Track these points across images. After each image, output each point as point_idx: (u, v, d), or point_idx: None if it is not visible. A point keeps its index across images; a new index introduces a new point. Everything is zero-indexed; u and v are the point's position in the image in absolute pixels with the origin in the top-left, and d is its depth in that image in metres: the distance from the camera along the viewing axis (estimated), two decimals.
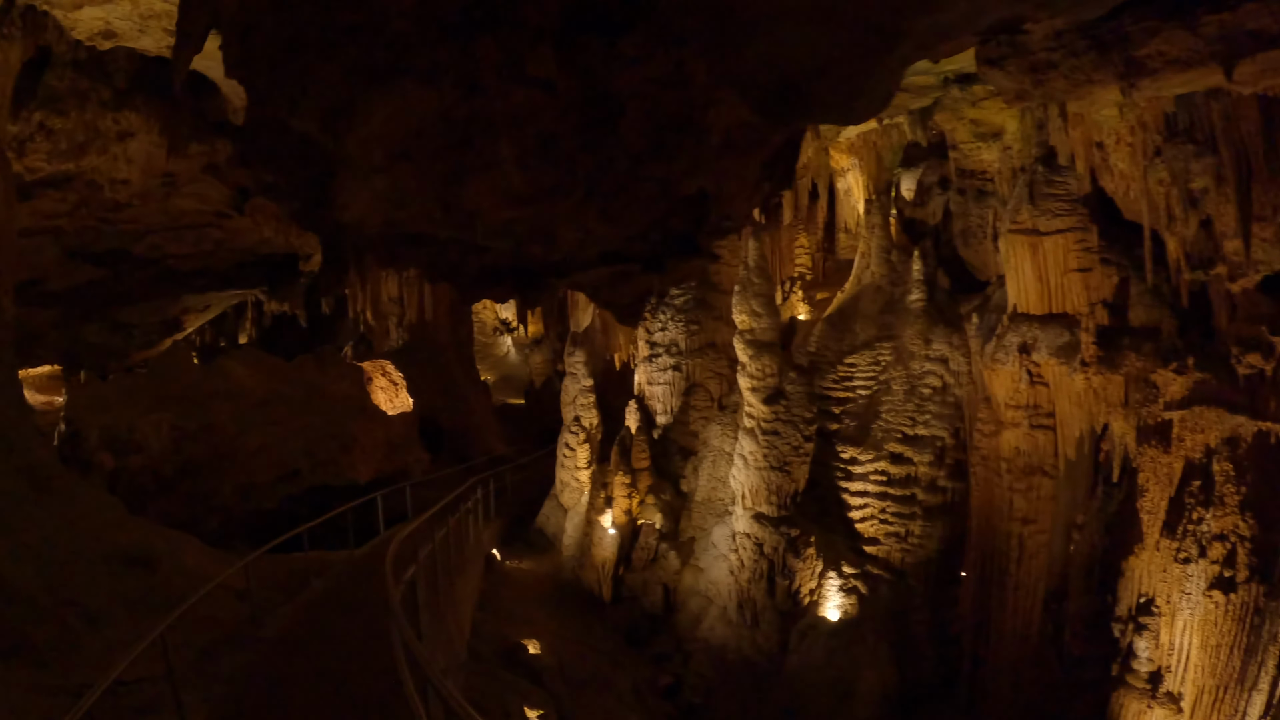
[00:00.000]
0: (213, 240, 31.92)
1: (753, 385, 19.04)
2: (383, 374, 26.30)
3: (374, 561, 14.97)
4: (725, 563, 19.28)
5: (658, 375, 21.87)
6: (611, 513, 19.84)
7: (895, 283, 22.05)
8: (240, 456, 18.84)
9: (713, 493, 20.60)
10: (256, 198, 28.44)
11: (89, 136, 21.69)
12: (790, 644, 18.28)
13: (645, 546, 20.09)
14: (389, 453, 22.27)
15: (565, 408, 23.19)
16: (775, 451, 18.70)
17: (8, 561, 8.73)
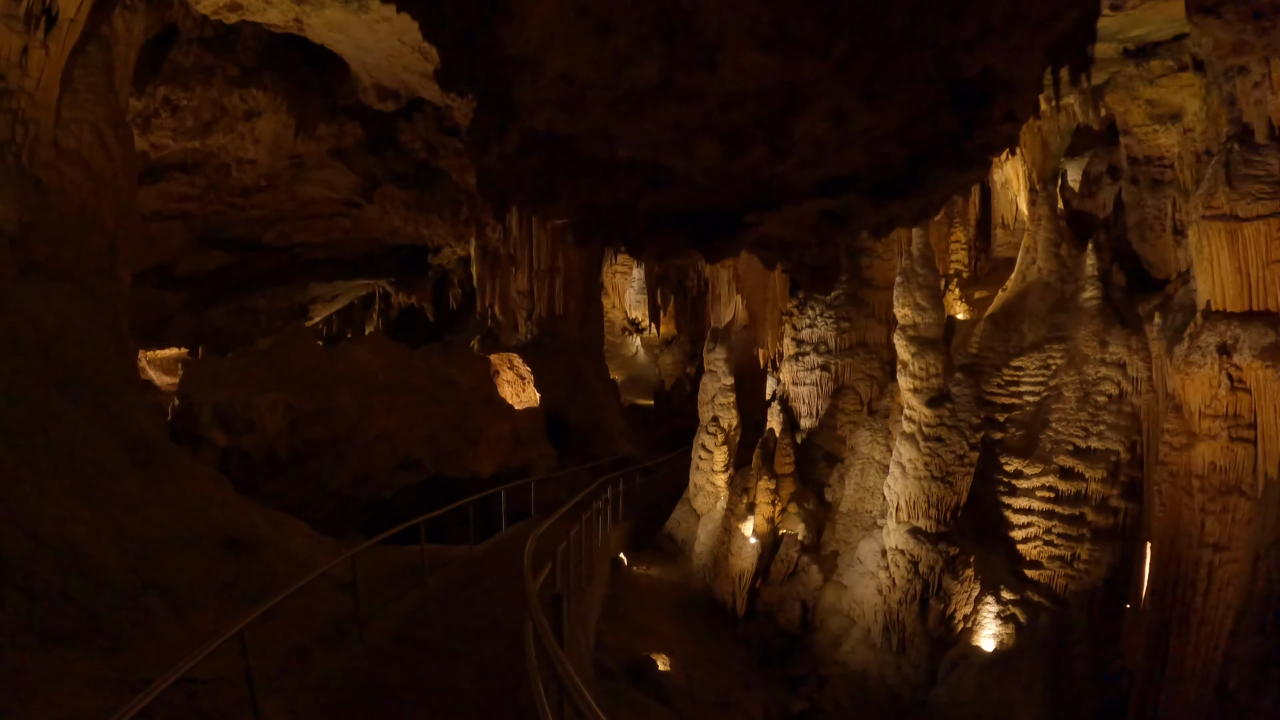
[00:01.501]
0: (341, 229, 31.82)
1: (915, 386, 17.35)
2: (510, 367, 25.28)
3: (496, 559, 14.31)
4: (873, 581, 17.63)
5: (804, 375, 20.37)
6: (753, 520, 18.35)
7: (1065, 279, 20.14)
8: (359, 442, 17.89)
9: (859, 504, 19.02)
10: (386, 185, 28.08)
11: (215, 114, 21.31)
12: (939, 675, 16.54)
13: (785, 559, 18.55)
14: (514, 447, 21.18)
15: (703, 407, 21.79)
16: (937, 460, 16.98)
17: (89, 536, 7.65)
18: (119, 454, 9.84)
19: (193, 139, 21.09)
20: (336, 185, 28.12)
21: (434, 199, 28.34)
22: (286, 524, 11.84)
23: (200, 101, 20.31)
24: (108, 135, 14.48)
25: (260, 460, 16.65)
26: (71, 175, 13.40)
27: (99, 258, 13.57)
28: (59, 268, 12.20)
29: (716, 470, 20.68)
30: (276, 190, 27.69)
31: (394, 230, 31.59)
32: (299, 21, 17.95)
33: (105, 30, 14.86)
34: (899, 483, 17.31)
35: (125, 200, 15.13)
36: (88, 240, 13.28)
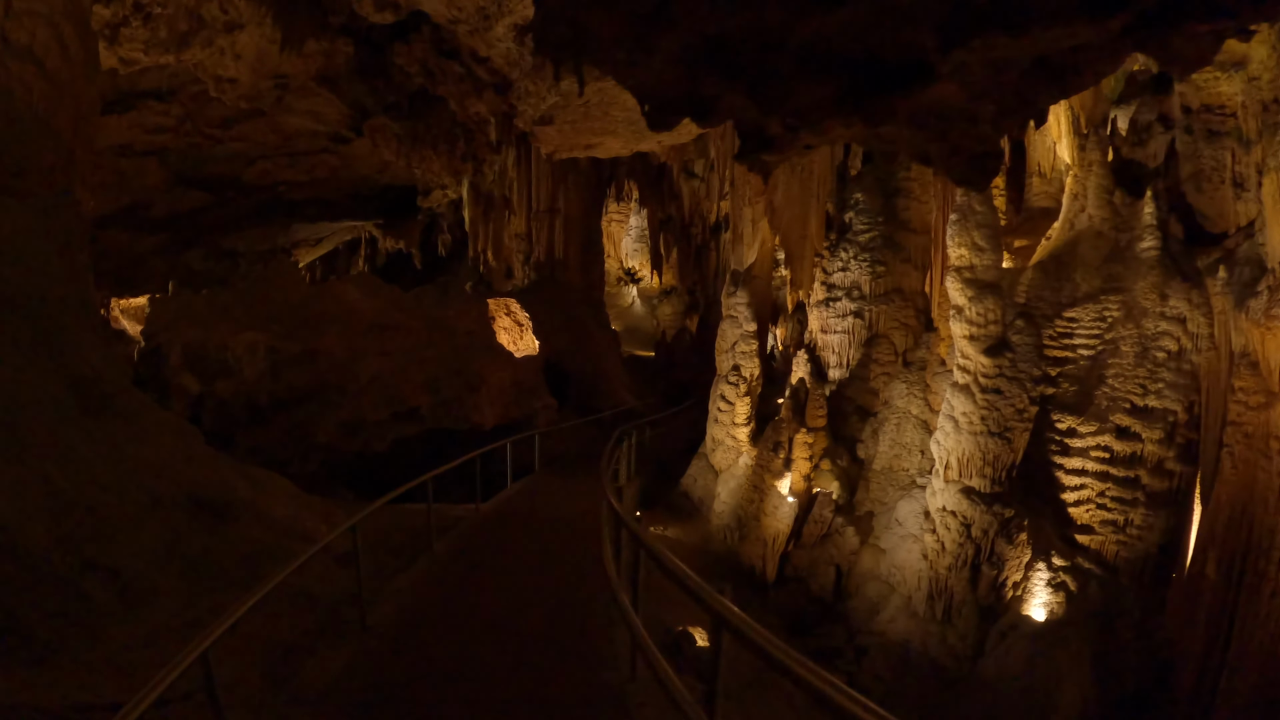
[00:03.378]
0: (328, 167, 30.01)
1: (971, 333, 15.71)
2: (507, 313, 23.59)
3: (506, 520, 13.10)
4: (916, 544, 16.27)
5: (834, 322, 18.78)
6: (790, 478, 16.72)
7: (1120, 228, 18.55)
8: (350, 388, 16.10)
9: (895, 461, 17.58)
10: (377, 117, 26.21)
11: (192, 25, 19.22)
12: (987, 646, 15.25)
13: (819, 520, 17.00)
14: (516, 397, 19.48)
15: (721, 355, 20.20)
16: (995, 414, 15.40)
17: (9, 503, 5.86)
18: (63, 399, 8.05)
19: (167, 52, 18.96)
20: (324, 117, 26.21)
21: (429, 132, 26.42)
22: (267, 483, 10.03)
23: (175, 9, 18.23)
24: (66, 32, 12.52)
25: (237, 409, 14.84)
26: (21, 73, 11.45)
27: (52, 172, 11.67)
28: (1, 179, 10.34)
29: (738, 423, 19.09)
30: (259, 121, 25.80)
31: (384, 168, 29.79)
32: None
33: None
34: (950, 438, 15.75)
35: (86, 110, 13.22)
36: (38, 150, 11.35)
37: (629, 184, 36.72)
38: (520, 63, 20.38)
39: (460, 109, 25.07)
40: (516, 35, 18.93)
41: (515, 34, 18.88)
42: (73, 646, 5.39)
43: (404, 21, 21.49)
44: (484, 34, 19.99)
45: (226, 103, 23.17)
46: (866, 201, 19.33)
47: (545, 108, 21.86)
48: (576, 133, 24.31)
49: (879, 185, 19.51)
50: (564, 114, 22.49)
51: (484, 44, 20.77)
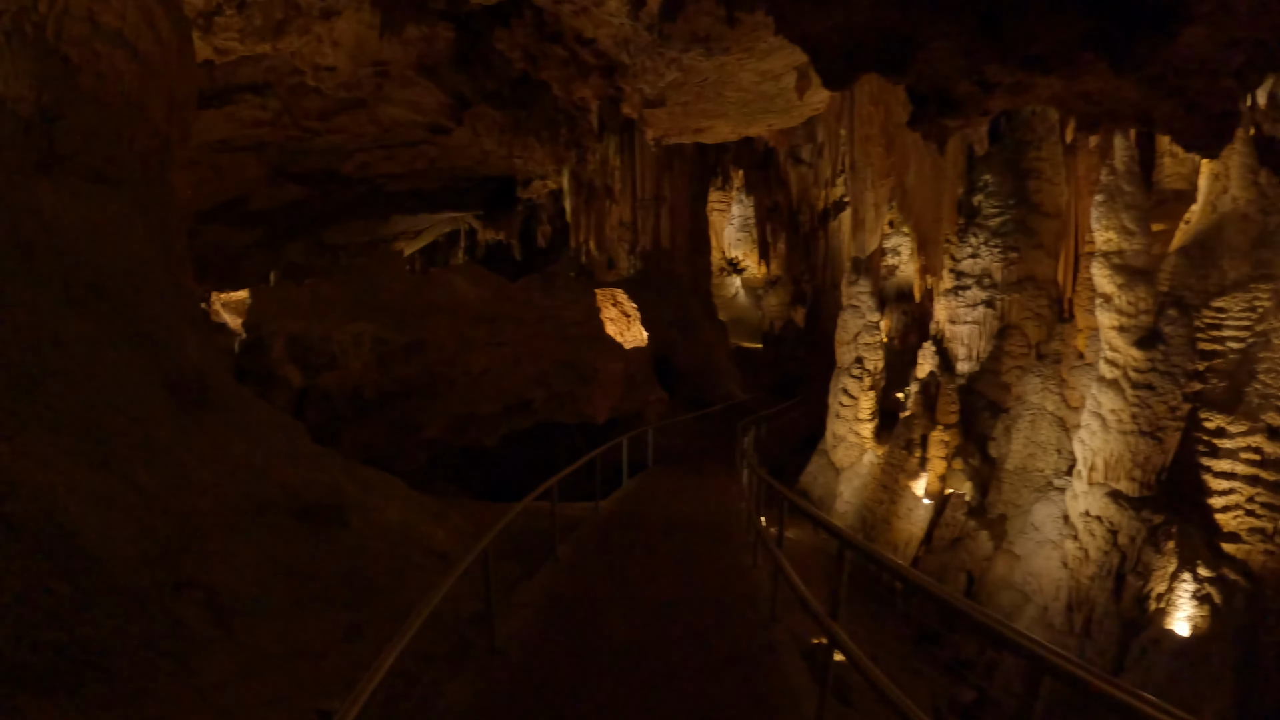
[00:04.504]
0: (427, 158, 29.64)
1: (1120, 323, 14.49)
2: (614, 303, 22.83)
3: (628, 522, 12.40)
4: (1055, 551, 15.12)
5: (963, 312, 17.65)
6: (926, 478, 15.65)
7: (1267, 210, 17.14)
8: (460, 381, 15.46)
9: (1029, 461, 16.42)
10: (478, 105, 25.69)
11: (288, 13, 18.78)
12: (1127, 661, 14.00)
13: (951, 523, 15.91)
14: (628, 390, 18.74)
15: (842, 348, 19.18)
16: (1147, 411, 14.17)
17: (93, 514, 5.17)
18: (158, 395, 7.39)
19: (262, 41, 18.52)
20: (423, 106, 25.74)
21: (531, 119, 25.86)
22: (377, 483, 9.29)
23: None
24: (158, 15, 12.01)
25: (342, 402, 14.26)
26: (111, 58, 10.93)
27: (146, 159, 11.15)
28: (92, 166, 9.77)
29: (861, 419, 18.07)
30: (357, 113, 25.42)
31: (483, 159, 29.29)
32: None
33: None
34: (1097, 437, 14.54)
35: (181, 97, 12.71)
36: (131, 135, 10.84)
37: (734, 171, 35.86)
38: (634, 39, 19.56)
39: (564, 94, 24.42)
40: (631, 9, 18.10)
41: (629, 8, 18.05)
42: (161, 682, 4.65)
43: (504, 5, 20.87)
44: (592, 12, 19.25)
45: (325, 93, 22.82)
46: (996, 183, 18.18)
47: (663, 85, 21.02)
48: (687, 115, 23.48)
49: (1009, 166, 18.36)
50: (678, 94, 21.67)
51: (591, 24, 20.06)
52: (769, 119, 24.64)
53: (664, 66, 20.01)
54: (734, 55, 18.45)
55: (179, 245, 11.65)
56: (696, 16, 16.73)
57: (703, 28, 17.21)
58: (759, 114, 23.83)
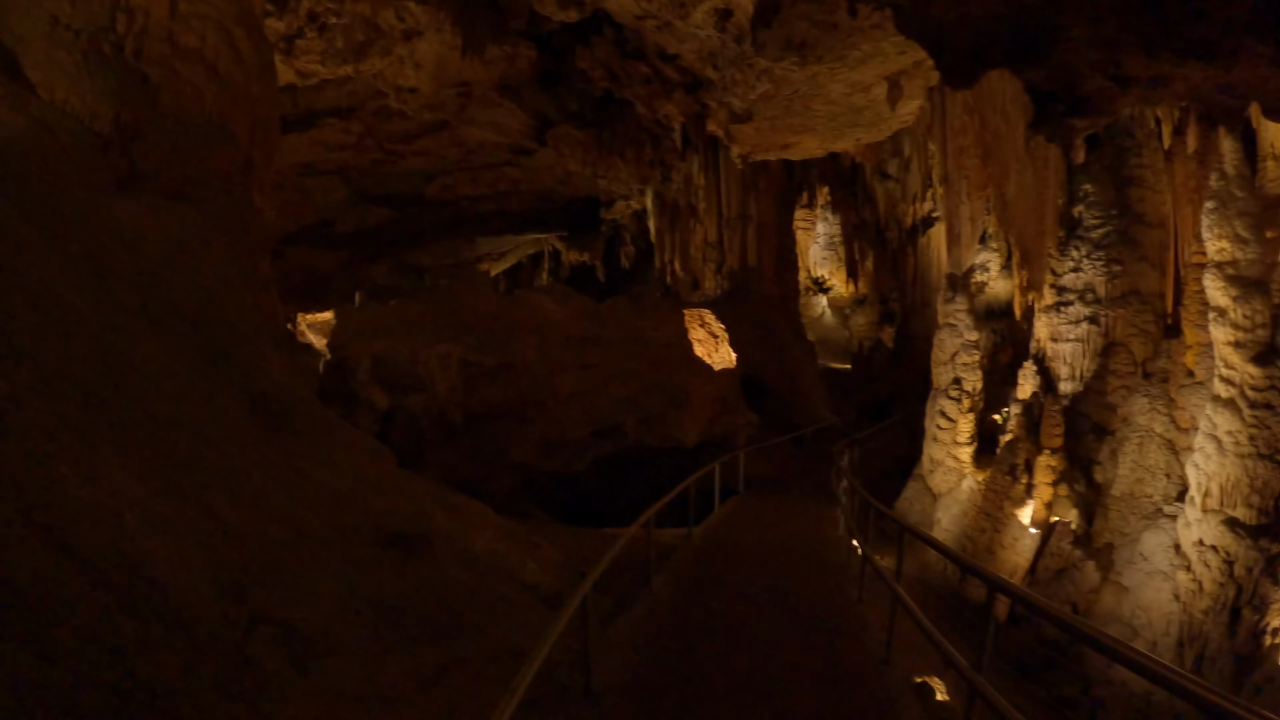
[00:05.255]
0: (509, 180, 29.70)
1: (1236, 339, 13.65)
2: (701, 324, 22.46)
3: (723, 551, 11.93)
4: (1166, 583, 14.28)
5: (1066, 330, 16.94)
6: (1032, 506, 14.96)
7: None
8: (549, 404, 15.19)
9: (1137, 486, 15.62)
10: (561, 126, 25.62)
11: (369, 35, 18.87)
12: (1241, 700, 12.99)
13: (1056, 552, 15.19)
14: (718, 413, 18.33)
15: (939, 368, 18.56)
16: (1266, 432, 13.31)
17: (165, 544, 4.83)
18: (238, 417, 7.12)
19: (344, 63, 18.66)
20: (505, 127, 25.75)
21: (614, 138, 25.74)
22: (466, 510, 8.92)
23: (350, 19, 17.90)
24: (238, 36, 11.93)
25: (428, 425, 14.02)
26: (192, 77, 10.83)
27: (228, 178, 11.02)
28: (173, 184, 9.63)
29: (960, 442, 17.41)
30: (440, 135, 25.53)
31: (566, 179, 29.26)
32: None
33: None
34: (1211, 461, 13.71)
35: (263, 117, 12.63)
36: (212, 154, 10.70)
37: (820, 188, 35.38)
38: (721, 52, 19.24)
39: (648, 112, 24.22)
40: (718, 21, 17.78)
41: (716, 19, 17.73)
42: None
43: (585, 24, 20.74)
44: (675, 27, 18.98)
45: (408, 115, 22.93)
46: (1097, 193, 17.43)
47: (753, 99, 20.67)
48: (775, 130, 23.09)
49: (1109, 174, 17.59)
50: (766, 108, 21.29)
51: (674, 39, 19.79)
52: (857, 133, 24.20)
53: (754, 78, 19.63)
54: (826, 64, 18.02)
55: (263, 265, 11.50)
56: (793, 21, 16.32)
57: (798, 33, 16.79)
58: (847, 128, 23.39)
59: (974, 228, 19.36)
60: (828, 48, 17.32)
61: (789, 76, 19.07)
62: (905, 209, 34.46)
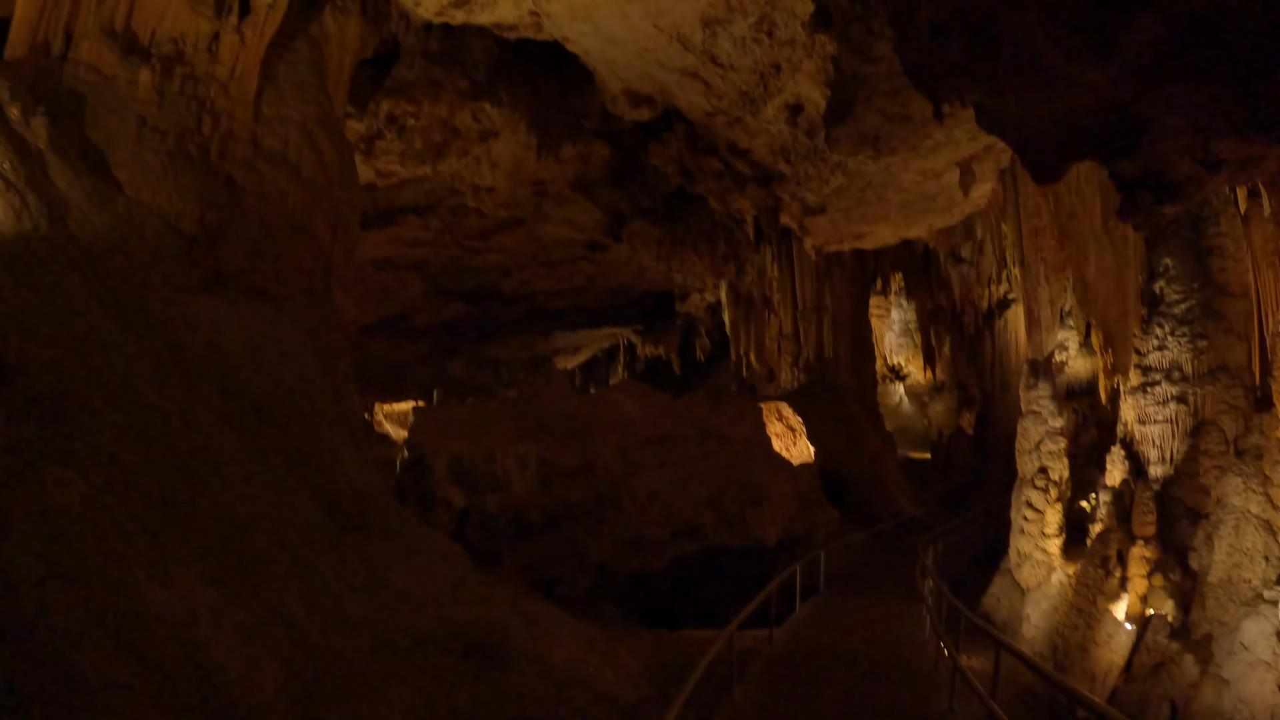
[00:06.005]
0: (584, 275, 30.00)
1: None
2: (779, 418, 22.27)
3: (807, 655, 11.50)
4: (1269, 673, 13.41)
5: (1154, 411, 16.36)
6: (1127, 600, 14.41)
7: None
8: (627, 504, 15.04)
9: (1235, 571, 14.83)
10: (634, 221, 25.89)
11: (446, 136, 19.34)
12: None
13: (1152, 646, 14.50)
14: (798, 509, 18.00)
15: (1023, 457, 18.05)
16: None
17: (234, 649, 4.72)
18: (315, 517, 7.07)
19: (422, 163, 19.12)
20: (580, 224, 26.07)
21: (688, 233, 25.91)
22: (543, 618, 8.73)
23: (429, 121, 18.33)
24: (319, 138, 12.23)
25: (505, 524, 13.95)
26: (275, 178, 11.08)
27: (310, 277, 11.20)
28: (255, 283, 9.78)
29: (1048, 534, 16.83)
30: (516, 232, 25.93)
31: (641, 273, 29.46)
32: (535, 15, 15.66)
33: (315, 30, 13.24)
34: None
35: (345, 217, 12.89)
36: (294, 253, 10.89)
37: (893, 275, 35.20)
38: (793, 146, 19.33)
39: (720, 206, 24.36)
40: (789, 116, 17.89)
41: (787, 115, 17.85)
42: None
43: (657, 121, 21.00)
44: (746, 123, 19.13)
45: (485, 213, 23.30)
46: (1177, 266, 16.94)
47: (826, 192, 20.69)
48: (848, 221, 23.06)
49: (1188, 246, 17.14)
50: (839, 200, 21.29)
51: (745, 134, 19.93)
52: (930, 219, 24.09)
53: (828, 172, 19.67)
54: (900, 155, 18.00)
55: (343, 363, 11.60)
56: (866, 116, 16.34)
57: (872, 128, 16.80)
58: (920, 214, 23.31)
59: (1053, 310, 19.02)
60: (901, 139, 17.31)
61: (862, 169, 19.08)
62: (980, 292, 34.09)
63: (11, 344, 4.72)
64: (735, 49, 16.35)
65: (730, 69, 17.00)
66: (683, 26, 15.76)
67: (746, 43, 16.09)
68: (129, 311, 6.84)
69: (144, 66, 9.58)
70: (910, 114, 15.84)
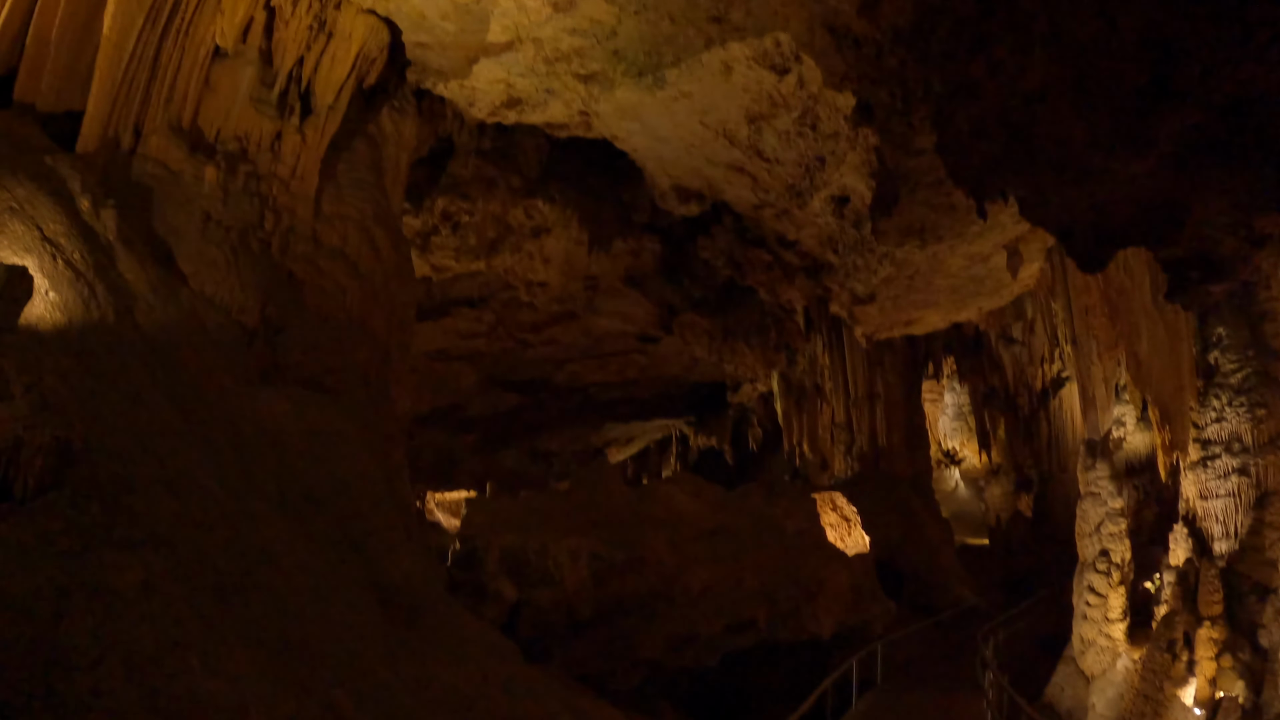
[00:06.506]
0: (636, 366, 30.09)
1: None
2: (833, 508, 22.10)
3: None
4: None
5: (1215, 485, 16.05)
6: (1195, 683, 14.05)
7: None
8: (679, 598, 14.98)
9: None
10: (685, 313, 26.05)
11: (499, 232, 19.77)
12: None
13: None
14: (853, 601, 17.78)
15: (1084, 540, 17.80)
16: None
17: None
18: (368, 611, 7.12)
19: (477, 259, 19.50)
20: (631, 317, 26.27)
21: (739, 324, 26.06)
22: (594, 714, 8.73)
23: (482, 217, 18.74)
24: (378, 235, 12.55)
25: (556, 618, 13.90)
26: (334, 274, 11.39)
27: (366, 370, 11.44)
28: (313, 376, 9.99)
29: (1112, 619, 16.50)
30: (568, 324, 26.15)
31: (693, 365, 29.54)
32: (585, 114, 15.95)
33: (373, 129, 13.67)
34: None
35: (401, 312, 13.18)
36: (352, 348, 11.13)
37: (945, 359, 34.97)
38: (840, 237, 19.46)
39: (770, 297, 24.49)
40: (835, 208, 18.05)
41: (834, 207, 18.00)
42: None
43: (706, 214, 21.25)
44: (793, 214, 19.29)
45: (537, 307, 23.52)
46: (1230, 335, 16.65)
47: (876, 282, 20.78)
48: (897, 309, 23.10)
49: (1240, 313, 16.88)
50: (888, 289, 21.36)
51: (793, 226, 20.08)
52: (979, 301, 24.07)
53: (875, 263, 19.77)
54: (946, 243, 18.08)
55: (397, 454, 11.75)
56: (911, 208, 16.47)
57: (918, 219, 16.93)
58: (969, 298, 23.29)
59: (1108, 388, 18.81)
60: (947, 228, 17.39)
61: (910, 258, 19.16)
62: (1034, 372, 33.73)
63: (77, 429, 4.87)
64: (780, 143, 16.53)
65: (776, 162, 17.18)
66: (728, 123, 15.99)
67: (791, 137, 16.27)
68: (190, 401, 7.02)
69: (209, 163, 9.96)
70: (955, 203, 15.93)
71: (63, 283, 6.71)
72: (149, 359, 6.95)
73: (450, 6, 12.10)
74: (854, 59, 11.90)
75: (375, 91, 13.34)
